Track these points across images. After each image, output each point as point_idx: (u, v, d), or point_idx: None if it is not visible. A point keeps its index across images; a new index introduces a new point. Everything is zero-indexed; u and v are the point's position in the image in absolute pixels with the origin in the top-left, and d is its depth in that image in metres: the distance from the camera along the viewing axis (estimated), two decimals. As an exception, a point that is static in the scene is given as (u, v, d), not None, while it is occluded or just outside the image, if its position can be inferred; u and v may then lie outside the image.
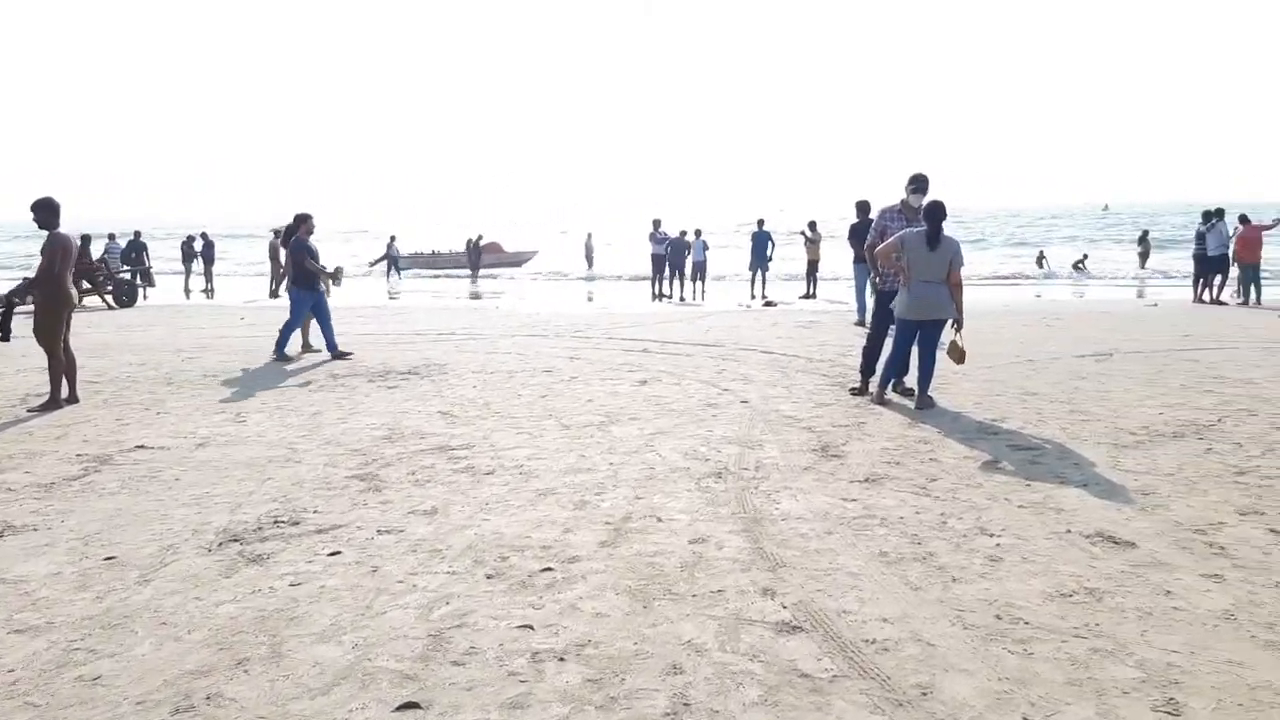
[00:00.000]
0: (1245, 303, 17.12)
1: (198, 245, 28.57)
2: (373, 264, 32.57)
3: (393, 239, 33.13)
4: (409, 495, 5.07)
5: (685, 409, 7.45)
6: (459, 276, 33.54)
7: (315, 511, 4.78)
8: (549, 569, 3.96)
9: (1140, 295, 21.49)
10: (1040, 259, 32.91)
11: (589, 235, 33.89)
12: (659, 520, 4.59)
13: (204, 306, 20.61)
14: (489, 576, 3.88)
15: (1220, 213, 17.88)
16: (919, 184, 7.72)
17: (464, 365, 10.01)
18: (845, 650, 3.16)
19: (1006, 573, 3.85)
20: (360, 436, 6.55)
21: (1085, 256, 32.23)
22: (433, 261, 38.50)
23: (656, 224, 22.49)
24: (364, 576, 3.88)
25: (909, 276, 7.27)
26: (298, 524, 4.58)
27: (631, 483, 5.27)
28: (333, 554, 4.14)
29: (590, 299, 23.45)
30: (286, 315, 10.88)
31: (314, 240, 11.00)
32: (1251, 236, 17.56)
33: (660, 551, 4.15)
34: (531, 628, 3.36)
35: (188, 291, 26.40)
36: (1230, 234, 17.59)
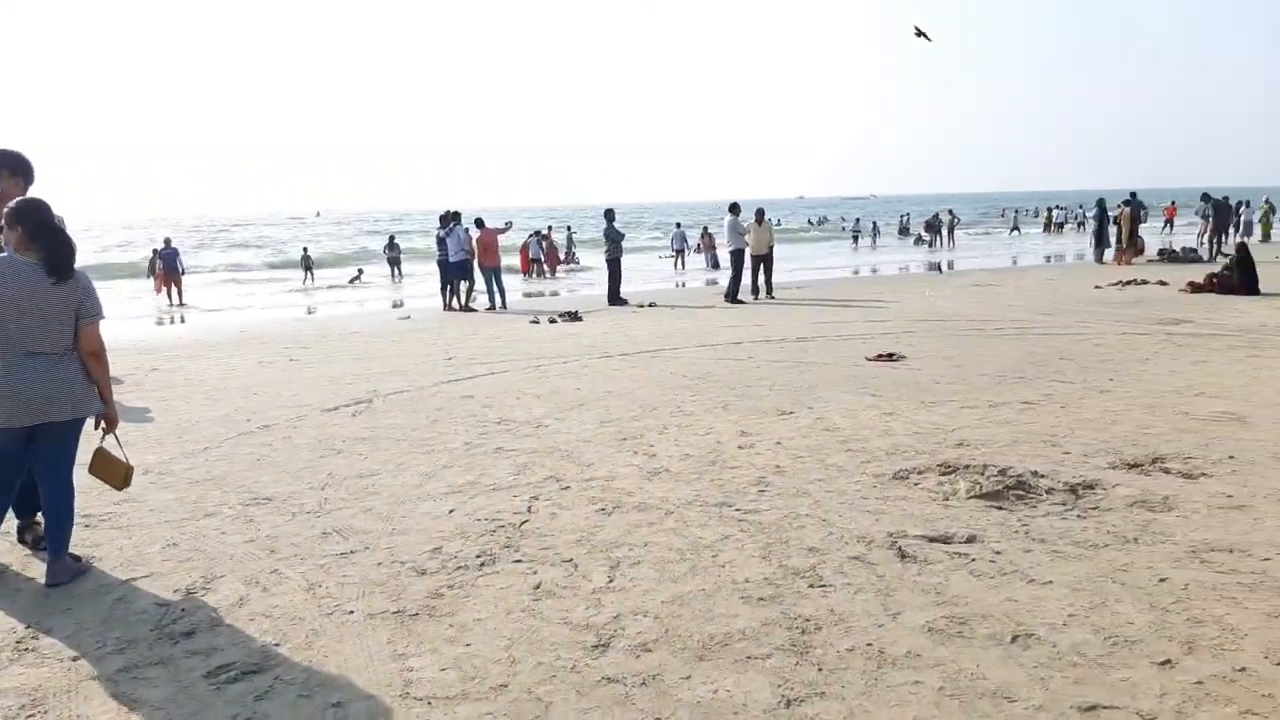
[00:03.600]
0: (493, 308, 16.89)
1: None
2: None
3: None
4: None
5: None
6: None
7: None
8: None
9: (398, 305, 20.35)
10: (305, 264, 30.23)
11: None
12: None
13: None
14: None
15: (457, 216, 17.40)
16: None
17: None
18: None
19: None
20: None
21: (361, 272, 30.19)
22: None
23: None
24: None
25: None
26: None
27: None
28: None
29: None
30: None
31: None
32: (488, 240, 17.43)
33: None
34: None
35: None
36: (464, 238, 17.17)
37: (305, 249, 32.92)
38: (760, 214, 16.61)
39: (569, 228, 35.42)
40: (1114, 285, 16.00)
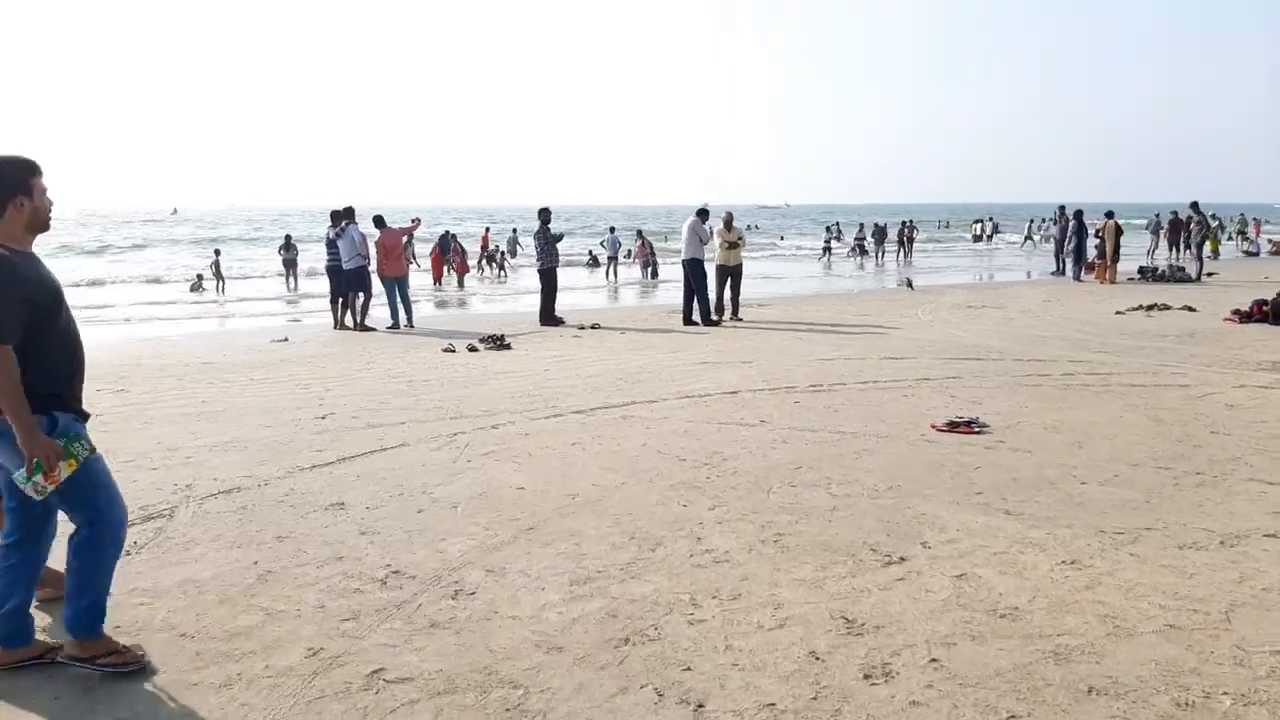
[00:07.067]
0: (395, 327, 13.63)
1: None
2: None
3: None
4: None
5: None
6: None
7: None
8: None
9: (295, 321, 16.76)
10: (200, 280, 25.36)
11: None
12: None
13: None
14: None
15: (350, 212, 14.03)
16: None
17: None
18: None
19: None
20: None
21: (201, 278, 25.61)
22: None
23: None
24: None
25: None
26: None
27: None
28: None
29: None
30: None
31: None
32: (390, 243, 14.18)
33: None
34: None
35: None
36: (359, 240, 13.81)
37: (217, 250, 27.60)
38: (729, 220, 13.83)
39: (515, 230, 32.01)
40: (1135, 310, 13.69)
